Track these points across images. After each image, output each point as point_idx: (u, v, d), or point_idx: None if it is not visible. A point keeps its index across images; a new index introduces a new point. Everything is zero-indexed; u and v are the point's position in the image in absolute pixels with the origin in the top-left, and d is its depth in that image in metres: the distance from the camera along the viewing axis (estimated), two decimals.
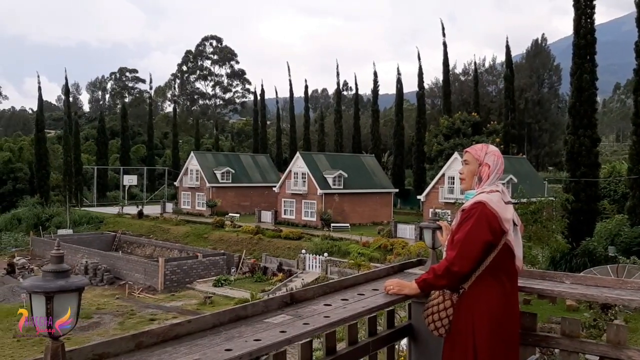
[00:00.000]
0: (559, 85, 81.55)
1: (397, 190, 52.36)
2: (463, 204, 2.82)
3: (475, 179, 2.98)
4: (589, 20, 28.22)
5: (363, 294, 2.81)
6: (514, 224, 2.85)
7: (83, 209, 58.17)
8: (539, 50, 78.71)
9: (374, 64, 64.21)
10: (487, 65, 78.06)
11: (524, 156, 53.98)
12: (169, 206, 57.00)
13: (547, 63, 78.84)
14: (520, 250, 2.88)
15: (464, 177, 3.05)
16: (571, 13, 28.55)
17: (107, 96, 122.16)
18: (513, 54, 56.76)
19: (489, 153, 2.99)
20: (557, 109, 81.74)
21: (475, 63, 62.24)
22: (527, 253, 21.01)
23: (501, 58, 67.80)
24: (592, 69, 28.03)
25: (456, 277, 2.75)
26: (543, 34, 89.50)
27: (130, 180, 65.07)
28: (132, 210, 54.31)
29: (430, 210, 28.00)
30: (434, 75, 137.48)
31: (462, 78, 75.77)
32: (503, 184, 2.95)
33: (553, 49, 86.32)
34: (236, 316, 2.24)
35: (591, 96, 28.17)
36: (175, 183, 60.12)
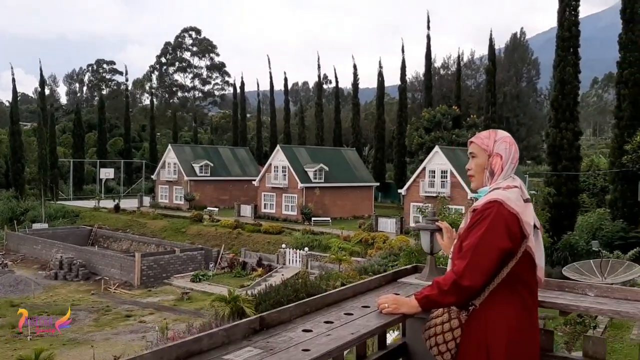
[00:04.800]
0: (537, 79, 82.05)
1: (378, 184, 52.10)
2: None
3: (486, 173, 2.48)
4: (573, 12, 28.01)
5: (351, 314, 2.30)
6: (535, 227, 2.35)
7: (59, 202, 56.99)
8: (517, 44, 78.96)
9: (353, 57, 63.82)
10: (466, 59, 78.02)
11: None
12: (147, 200, 56.06)
13: (526, 57, 79.20)
14: (542, 258, 2.39)
15: (473, 173, 2.54)
16: (550, 8, 28.34)
17: (85, 88, 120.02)
18: None
19: (498, 140, 2.48)
20: (535, 103, 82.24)
21: (458, 56, 61.96)
22: None
23: (479, 52, 67.83)
24: (575, 61, 27.86)
25: (466, 293, 2.26)
26: (522, 28, 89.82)
27: (107, 173, 63.88)
28: (109, 204, 53.27)
29: (419, 206, 27.65)
30: (413, 69, 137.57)
31: (442, 72, 75.68)
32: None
33: (531, 43, 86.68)
34: (186, 353, 1.70)
35: (573, 89, 28.02)
36: (152, 176, 59.12)
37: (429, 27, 58.39)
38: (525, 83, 78.82)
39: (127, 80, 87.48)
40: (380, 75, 61.30)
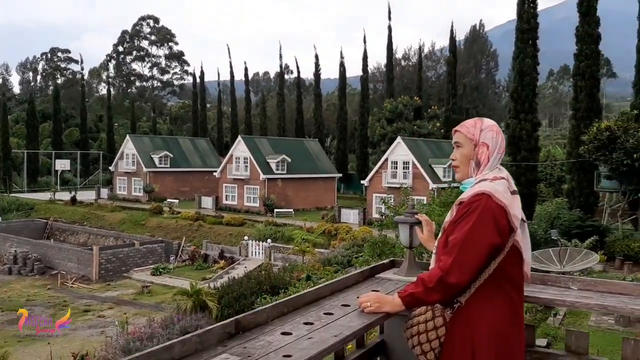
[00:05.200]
0: (496, 71, 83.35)
1: (340, 175, 52.15)
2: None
3: (472, 164, 2.36)
4: (532, 5, 28.41)
5: (331, 313, 2.16)
6: (522, 220, 2.25)
7: (12, 195, 55.27)
8: (477, 36, 79.95)
9: (314, 47, 63.46)
10: (426, 51, 78.61)
11: None
12: (104, 192, 54.87)
13: (485, 49, 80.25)
14: (529, 252, 2.29)
15: (458, 163, 2.42)
16: (509, 1, 28.70)
17: (39, 78, 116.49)
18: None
19: (485, 129, 2.37)
20: (494, 95, 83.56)
21: (419, 47, 62.44)
22: None
23: (440, 44, 68.47)
24: (534, 53, 28.29)
25: (453, 291, 2.15)
26: (481, 20, 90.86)
27: (62, 165, 62.22)
28: (65, 196, 51.92)
29: (382, 197, 27.73)
30: (375, 60, 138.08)
31: (403, 63, 76.13)
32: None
33: (490, 35, 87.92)
34: None
35: (532, 80, 28.47)
36: (110, 168, 57.91)
37: (390, 18, 58.72)
38: (484, 75, 79.94)
39: (82, 69, 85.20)
40: (342, 65, 61.28)
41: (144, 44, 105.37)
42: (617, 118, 25.22)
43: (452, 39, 55.68)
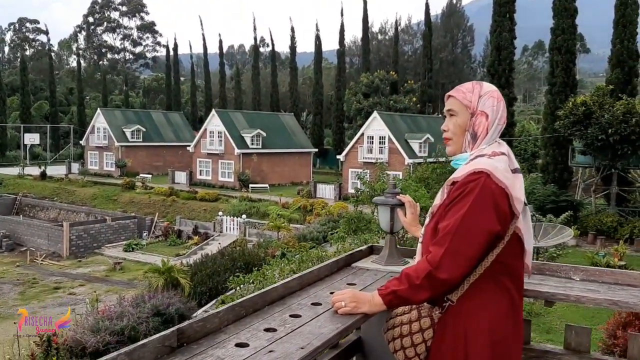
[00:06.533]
0: (472, 46, 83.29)
1: (316, 149, 51.75)
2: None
3: (467, 136, 2.00)
4: None
5: (298, 315, 1.82)
6: (524, 203, 1.90)
7: None
8: (453, 10, 79.51)
9: (290, 19, 62.41)
10: (403, 24, 78.05)
11: (440, 115, 54.52)
12: (75, 167, 53.63)
13: (461, 24, 79.96)
14: (531, 240, 1.94)
15: (450, 135, 2.05)
16: None
17: (6, 49, 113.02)
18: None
19: (484, 95, 1.99)
20: (469, 70, 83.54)
21: (396, 21, 61.87)
22: None
23: (417, 18, 68.04)
24: (511, 27, 28.09)
25: (443, 287, 1.81)
26: None
27: (31, 139, 60.71)
28: (35, 171, 50.67)
29: (358, 172, 27.48)
30: (351, 34, 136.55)
31: (380, 37, 75.50)
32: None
33: (467, 10, 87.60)
34: None
35: (509, 55, 28.32)
36: (81, 142, 56.69)
37: None
38: (460, 49, 79.76)
39: (49, 40, 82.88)
40: (318, 38, 60.43)
41: (115, 14, 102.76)
42: (592, 93, 25.20)
43: (428, 12, 55.20)
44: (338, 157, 43.35)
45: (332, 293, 2.01)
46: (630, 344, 2.09)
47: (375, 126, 38.90)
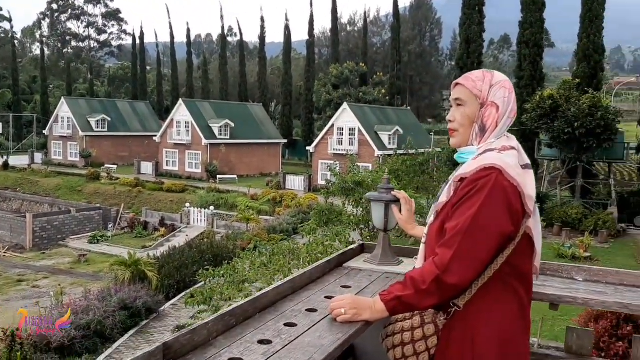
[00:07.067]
0: (440, 39, 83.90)
1: (285, 140, 51.49)
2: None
3: (476, 128, 1.85)
4: None
5: (294, 324, 1.67)
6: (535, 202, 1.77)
7: None
8: (421, 3, 79.92)
9: (261, 8, 61.81)
10: (372, 16, 78.13)
11: (408, 108, 54.81)
12: (39, 157, 52.50)
13: (430, 17, 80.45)
14: (540, 240, 1.82)
15: (456, 126, 1.90)
16: None
17: None
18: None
19: (495, 85, 1.85)
20: (437, 63, 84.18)
21: (365, 13, 61.86)
22: (415, 204, 21.12)
23: (385, 10, 68.18)
24: (480, 20, 28.28)
25: (452, 293, 1.69)
26: None
27: None
28: None
29: (329, 164, 27.34)
30: (320, 25, 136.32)
31: (349, 28, 75.46)
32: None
33: (435, 3, 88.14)
34: None
35: (478, 48, 28.57)
36: (45, 132, 55.38)
37: None
38: (428, 42, 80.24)
39: (12, 27, 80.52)
40: (287, 28, 60.01)
41: (79, 1, 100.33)
42: (559, 86, 25.55)
43: (396, 5, 55.33)
44: (308, 148, 43.21)
45: (326, 297, 1.89)
46: (635, 346, 2.03)
47: (345, 118, 38.86)
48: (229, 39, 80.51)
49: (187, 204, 33.54)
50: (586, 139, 23.23)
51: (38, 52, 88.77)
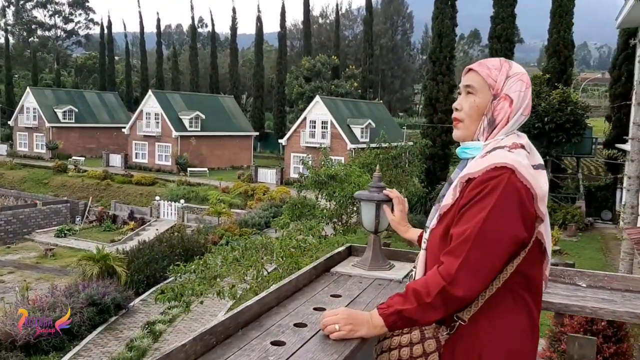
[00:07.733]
0: (411, 33, 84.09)
1: (257, 133, 51.11)
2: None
3: (484, 121, 1.68)
4: None
5: (282, 342, 1.49)
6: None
7: None
8: None
9: None
10: (344, 9, 77.95)
11: (380, 101, 54.88)
12: (3, 148, 51.36)
13: (401, 10, 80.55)
14: (550, 246, 1.66)
15: (463, 116, 1.71)
16: None
17: None
18: None
19: (512, 76, 1.67)
20: (408, 57, 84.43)
21: (337, 5, 61.65)
22: None
23: (357, 3, 68.12)
24: (453, 14, 28.34)
25: (459, 305, 1.53)
26: None
27: None
28: None
29: (301, 157, 27.20)
30: (292, 17, 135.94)
31: (321, 21, 75.18)
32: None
33: None
34: None
35: (451, 42, 28.61)
36: (9, 122, 54.04)
37: None
38: (400, 36, 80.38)
39: None
40: (259, 20, 59.51)
41: None
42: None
43: None
44: (280, 141, 42.93)
45: (315, 309, 1.73)
46: (570, 345, 1.92)
47: (318, 110, 38.69)
48: (200, 30, 79.59)
49: (157, 197, 33.03)
50: (556, 134, 23.52)
51: (2, 40, 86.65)
